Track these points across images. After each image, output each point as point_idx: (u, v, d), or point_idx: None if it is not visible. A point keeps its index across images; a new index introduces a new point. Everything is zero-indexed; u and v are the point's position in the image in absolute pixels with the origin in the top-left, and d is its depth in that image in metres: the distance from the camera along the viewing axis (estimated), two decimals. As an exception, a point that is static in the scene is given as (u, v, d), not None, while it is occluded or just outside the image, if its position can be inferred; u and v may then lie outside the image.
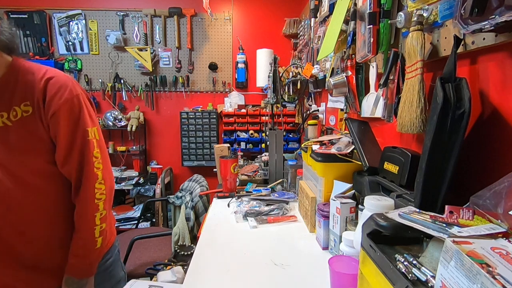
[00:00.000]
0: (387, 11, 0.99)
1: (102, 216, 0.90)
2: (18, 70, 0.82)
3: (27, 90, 0.81)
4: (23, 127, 0.80)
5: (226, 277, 0.90)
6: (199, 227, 1.87)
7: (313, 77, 2.09)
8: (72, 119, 0.84)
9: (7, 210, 0.82)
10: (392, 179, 0.87)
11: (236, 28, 3.37)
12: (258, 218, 1.32)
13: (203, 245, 1.11)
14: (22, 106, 0.80)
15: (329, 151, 1.08)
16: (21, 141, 0.81)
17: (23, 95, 0.81)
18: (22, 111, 0.80)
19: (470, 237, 0.42)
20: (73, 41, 3.28)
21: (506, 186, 0.48)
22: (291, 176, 1.72)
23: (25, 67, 0.83)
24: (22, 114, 0.80)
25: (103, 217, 0.91)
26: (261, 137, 3.17)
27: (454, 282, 0.38)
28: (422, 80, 0.78)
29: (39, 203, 0.86)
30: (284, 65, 3.06)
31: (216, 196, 1.66)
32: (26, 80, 0.81)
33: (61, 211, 0.90)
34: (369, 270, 0.57)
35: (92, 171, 0.88)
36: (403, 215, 0.54)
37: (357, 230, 0.80)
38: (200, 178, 2.46)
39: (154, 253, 1.98)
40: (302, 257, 1.01)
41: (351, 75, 1.43)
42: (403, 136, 1.07)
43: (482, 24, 0.59)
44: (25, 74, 0.82)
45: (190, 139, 3.28)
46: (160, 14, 3.26)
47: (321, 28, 1.87)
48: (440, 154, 0.66)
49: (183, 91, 3.40)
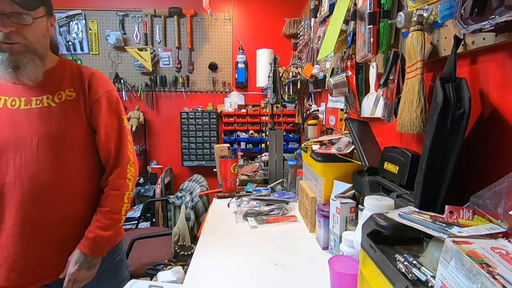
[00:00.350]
0: (387, 11, 0.99)
1: (129, 196, 1.02)
2: (65, 65, 1.00)
3: (74, 80, 0.98)
4: (65, 107, 0.94)
5: (226, 277, 0.90)
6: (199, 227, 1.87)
7: (313, 77, 2.09)
8: (112, 105, 1.01)
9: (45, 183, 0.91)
10: (392, 179, 0.87)
11: (236, 28, 3.37)
12: (258, 218, 1.32)
13: (203, 245, 1.11)
14: (67, 92, 0.96)
15: (329, 151, 1.08)
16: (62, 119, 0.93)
17: (69, 83, 0.97)
18: (66, 95, 0.95)
19: (470, 237, 0.42)
20: (73, 41, 3.28)
21: (506, 186, 0.48)
22: (291, 176, 1.72)
23: (72, 64, 1.02)
24: (66, 98, 0.95)
25: (129, 197, 1.03)
26: (261, 137, 3.17)
27: (454, 282, 0.38)
28: (422, 80, 0.78)
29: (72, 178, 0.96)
30: (284, 65, 3.06)
31: (216, 196, 1.66)
32: (72, 73, 0.99)
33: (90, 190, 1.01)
34: (369, 270, 0.57)
35: (127, 153, 1.02)
36: (403, 215, 0.54)
37: (357, 230, 0.80)
38: (200, 178, 2.46)
39: (154, 253, 1.98)
40: (302, 257, 1.01)
41: (351, 75, 1.43)
42: (403, 136, 1.07)
43: (482, 24, 0.59)
44: (73, 69, 1.00)
45: (190, 139, 3.28)
46: (160, 14, 3.26)
47: (321, 28, 1.87)
48: (440, 154, 0.66)
49: (183, 91, 3.40)
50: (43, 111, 0.92)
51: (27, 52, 0.86)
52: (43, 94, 0.93)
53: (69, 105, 0.95)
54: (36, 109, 0.92)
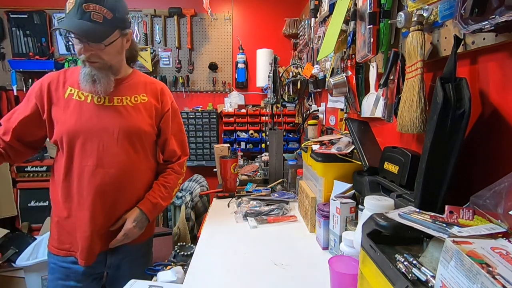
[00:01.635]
0: (387, 11, 0.99)
1: (181, 181, 1.29)
2: (137, 75, 1.22)
3: (147, 89, 1.19)
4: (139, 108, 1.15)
5: (226, 277, 0.90)
6: (199, 227, 1.88)
7: (313, 77, 2.09)
8: (176, 115, 1.28)
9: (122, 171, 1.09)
10: (392, 179, 0.87)
11: (236, 28, 3.37)
12: (258, 218, 1.32)
13: (203, 245, 1.11)
14: (141, 96, 1.17)
15: (329, 151, 1.08)
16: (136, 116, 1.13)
17: (143, 90, 1.18)
18: (141, 99, 1.16)
19: (470, 237, 0.42)
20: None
21: (506, 186, 0.48)
22: (291, 176, 1.72)
23: (140, 74, 1.23)
24: (140, 101, 1.16)
25: (181, 182, 1.29)
26: (261, 137, 3.17)
27: (454, 282, 0.38)
28: (422, 80, 0.78)
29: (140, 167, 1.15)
30: (284, 65, 3.06)
31: (216, 196, 1.66)
32: (147, 83, 1.21)
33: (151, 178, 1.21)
34: (369, 270, 0.57)
35: (187, 150, 1.33)
36: (403, 215, 0.54)
37: (357, 230, 0.80)
38: (200, 178, 2.46)
39: (154, 253, 1.98)
40: (302, 257, 1.01)
41: (351, 75, 1.43)
42: (403, 136, 1.07)
43: (482, 24, 0.59)
44: (146, 80, 1.22)
45: (190, 139, 3.27)
46: (160, 14, 3.26)
47: (321, 28, 1.87)
48: (440, 154, 0.66)
49: (183, 91, 3.40)
50: (123, 109, 1.11)
51: (103, 68, 1.06)
52: (122, 95, 1.13)
53: (142, 106, 1.15)
54: (117, 106, 1.11)
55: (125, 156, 1.09)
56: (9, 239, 2.48)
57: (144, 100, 1.16)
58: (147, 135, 1.16)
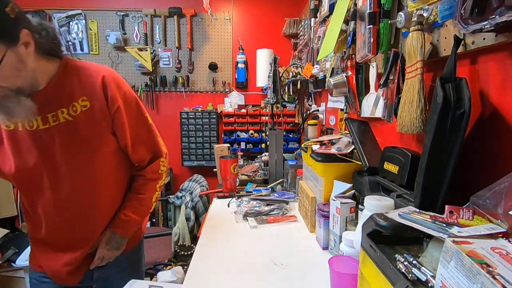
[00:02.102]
0: (387, 11, 0.99)
1: (161, 184, 1.08)
2: (71, 70, 0.90)
3: (84, 87, 0.90)
4: (84, 119, 0.90)
5: (226, 277, 0.90)
6: (199, 227, 1.88)
7: (313, 77, 2.09)
8: (132, 109, 0.97)
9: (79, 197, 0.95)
10: (392, 179, 0.87)
11: (236, 28, 3.37)
12: (258, 218, 1.32)
13: (203, 245, 1.11)
14: (80, 102, 0.89)
15: (329, 151, 1.08)
16: (84, 132, 0.90)
17: (80, 91, 0.90)
18: (81, 106, 0.89)
19: (470, 237, 0.42)
20: (73, 41, 3.28)
21: (506, 186, 0.48)
22: (291, 176, 1.72)
23: (78, 66, 0.92)
24: (81, 109, 0.89)
25: (161, 185, 1.08)
26: (261, 137, 3.17)
27: (454, 282, 0.38)
28: (422, 80, 0.78)
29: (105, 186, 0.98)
30: (284, 65, 3.06)
31: (216, 196, 1.66)
32: (81, 78, 0.90)
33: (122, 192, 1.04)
34: (369, 270, 0.57)
35: (161, 149, 1.06)
36: (403, 215, 0.54)
37: (357, 230, 0.80)
38: (200, 178, 2.46)
39: (154, 253, 1.98)
40: (302, 257, 1.01)
41: (351, 75, 1.43)
42: (403, 136, 1.07)
43: (482, 24, 0.59)
44: (80, 73, 0.91)
45: (190, 139, 3.28)
46: (160, 14, 3.26)
47: (321, 28, 1.87)
48: (440, 154, 0.66)
49: (183, 91, 3.40)
50: (62, 127, 0.89)
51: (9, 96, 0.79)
52: (57, 109, 0.88)
53: (85, 116, 0.90)
54: (54, 126, 0.88)
55: (83, 180, 0.93)
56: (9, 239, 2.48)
57: (85, 107, 0.90)
58: (101, 148, 0.94)
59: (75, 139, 0.90)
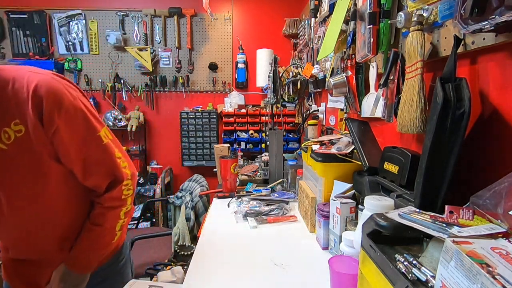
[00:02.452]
0: (387, 11, 0.99)
1: (127, 210, 0.90)
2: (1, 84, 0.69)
3: (12, 106, 0.69)
4: (20, 148, 0.72)
5: (226, 277, 0.90)
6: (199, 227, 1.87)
7: (313, 77, 2.09)
8: (81, 129, 0.77)
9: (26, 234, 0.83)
10: (392, 179, 0.87)
11: (236, 28, 3.37)
12: (258, 218, 1.32)
13: (203, 245, 1.11)
14: (12, 126, 0.71)
15: (329, 151, 1.08)
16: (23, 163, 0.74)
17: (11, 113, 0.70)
18: (14, 132, 0.71)
19: (470, 237, 0.42)
20: (73, 41, 3.28)
21: (506, 186, 0.48)
22: (291, 176, 1.72)
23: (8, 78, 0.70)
24: (15, 135, 0.71)
25: (128, 211, 0.90)
26: (261, 137, 3.17)
27: (454, 282, 0.38)
28: (422, 80, 0.78)
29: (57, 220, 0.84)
30: (284, 65, 3.06)
31: (216, 196, 1.66)
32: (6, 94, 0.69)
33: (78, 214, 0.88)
34: (369, 270, 0.57)
35: (122, 172, 0.85)
36: (403, 215, 0.54)
37: (357, 230, 0.80)
38: (200, 178, 2.46)
39: (154, 253, 1.98)
40: (302, 257, 1.01)
41: (351, 75, 1.43)
42: (403, 136, 1.07)
43: (482, 24, 0.59)
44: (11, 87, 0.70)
45: (190, 139, 3.28)
46: (160, 14, 3.26)
47: (321, 28, 1.87)
48: (440, 154, 0.66)
49: (183, 91, 3.40)
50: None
51: None
52: None
53: (20, 144, 0.72)
54: None
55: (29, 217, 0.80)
56: None
57: (20, 133, 0.71)
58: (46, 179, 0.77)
59: (12, 171, 0.73)
